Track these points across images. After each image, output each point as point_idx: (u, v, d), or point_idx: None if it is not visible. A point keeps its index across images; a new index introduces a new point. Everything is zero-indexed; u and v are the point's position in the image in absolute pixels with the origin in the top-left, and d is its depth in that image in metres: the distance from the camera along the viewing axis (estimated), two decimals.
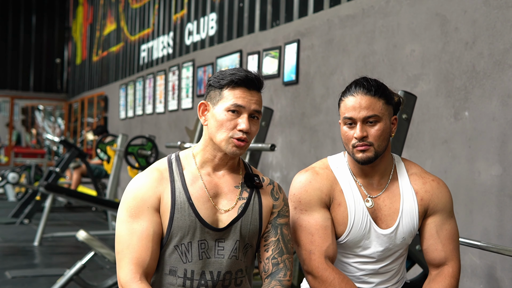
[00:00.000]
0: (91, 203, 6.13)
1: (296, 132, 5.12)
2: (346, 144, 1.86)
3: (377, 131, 1.81)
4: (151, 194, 1.71)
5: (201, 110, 1.78)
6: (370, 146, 1.81)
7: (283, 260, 1.79)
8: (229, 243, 1.73)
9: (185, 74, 7.67)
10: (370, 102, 1.80)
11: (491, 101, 3.20)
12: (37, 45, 15.51)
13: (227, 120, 1.70)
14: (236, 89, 1.71)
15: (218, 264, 1.72)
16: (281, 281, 1.76)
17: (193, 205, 1.70)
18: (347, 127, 1.84)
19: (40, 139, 17.54)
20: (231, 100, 1.70)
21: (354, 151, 1.83)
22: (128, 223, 1.69)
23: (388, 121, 1.85)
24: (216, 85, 1.73)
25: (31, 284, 4.36)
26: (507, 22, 3.12)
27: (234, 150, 1.72)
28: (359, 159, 1.83)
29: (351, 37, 4.44)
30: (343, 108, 1.84)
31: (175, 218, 1.69)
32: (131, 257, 1.67)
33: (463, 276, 3.30)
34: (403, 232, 1.88)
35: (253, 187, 1.80)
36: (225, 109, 1.71)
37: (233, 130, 1.71)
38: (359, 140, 1.81)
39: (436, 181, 1.93)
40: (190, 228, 1.69)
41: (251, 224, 1.75)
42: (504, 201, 3.10)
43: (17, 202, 8.90)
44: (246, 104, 1.71)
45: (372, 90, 1.81)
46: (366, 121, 1.81)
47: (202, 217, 1.70)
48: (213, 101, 1.74)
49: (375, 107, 1.80)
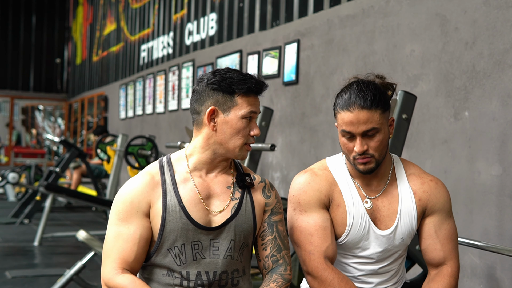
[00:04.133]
0: (91, 203, 6.14)
1: (296, 132, 5.12)
2: (346, 154, 1.86)
3: (377, 143, 1.80)
4: (141, 199, 1.72)
5: (209, 116, 1.74)
6: (371, 158, 1.81)
7: (282, 256, 1.82)
8: (224, 243, 1.74)
9: (185, 74, 7.68)
10: (367, 117, 1.77)
11: (491, 101, 3.20)
12: (37, 45, 15.51)
13: (243, 128, 1.74)
14: (250, 96, 1.74)
15: (213, 264, 1.73)
16: (282, 275, 1.79)
17: (184, 208, 1.71)
18: (346, 139, 1.83)
19: (40, 139, 17.54)
20: (247, 107, 1.73)
21: (355, 162, 1.83)
22: (116, 225, 1.72)
23: (387, 128, 1.84)
24: (227, 91, 1.72)
25: (31, 284, 4.36)
26: (507, 22, 3.12)
27: (245, 154, 1.78)
28: (362, 171, 1.84)
29: (351, 37, 4.44)
30: (340, 121, 1.82)
31: (167, 221, 1.70)
32: (114, 257, 1.70)
33: (463, 276, 3.30)
34: (402, 233, 1.88)
35: (245, 187, 1.81)
36: (241, 116, 1.73)
37: (247, 137, 1.75)
38: (360, 153, 1.81)
39: (434, 181, 1.93)
40: (182, 231, 1.71)
41: (245, 223, 1.77)
42: (504, 201, 3.10)
43: (17, 202, 8.90)
44: (258, 109, 1.77)
45: (368, 103, 1.77)
46: (365, 134, 1.80)
47: (194, 219, 1.71)
48: (223, 107, 1.73)
49: (373, 120, 1.78)
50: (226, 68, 1.78)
